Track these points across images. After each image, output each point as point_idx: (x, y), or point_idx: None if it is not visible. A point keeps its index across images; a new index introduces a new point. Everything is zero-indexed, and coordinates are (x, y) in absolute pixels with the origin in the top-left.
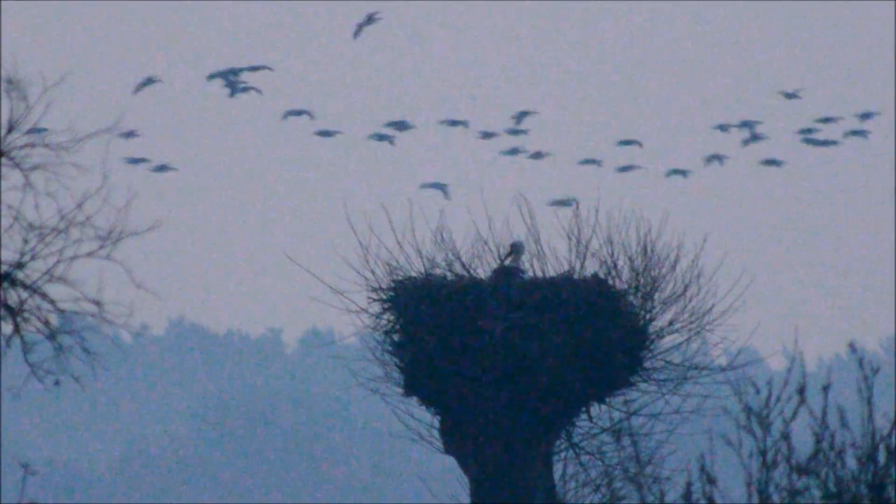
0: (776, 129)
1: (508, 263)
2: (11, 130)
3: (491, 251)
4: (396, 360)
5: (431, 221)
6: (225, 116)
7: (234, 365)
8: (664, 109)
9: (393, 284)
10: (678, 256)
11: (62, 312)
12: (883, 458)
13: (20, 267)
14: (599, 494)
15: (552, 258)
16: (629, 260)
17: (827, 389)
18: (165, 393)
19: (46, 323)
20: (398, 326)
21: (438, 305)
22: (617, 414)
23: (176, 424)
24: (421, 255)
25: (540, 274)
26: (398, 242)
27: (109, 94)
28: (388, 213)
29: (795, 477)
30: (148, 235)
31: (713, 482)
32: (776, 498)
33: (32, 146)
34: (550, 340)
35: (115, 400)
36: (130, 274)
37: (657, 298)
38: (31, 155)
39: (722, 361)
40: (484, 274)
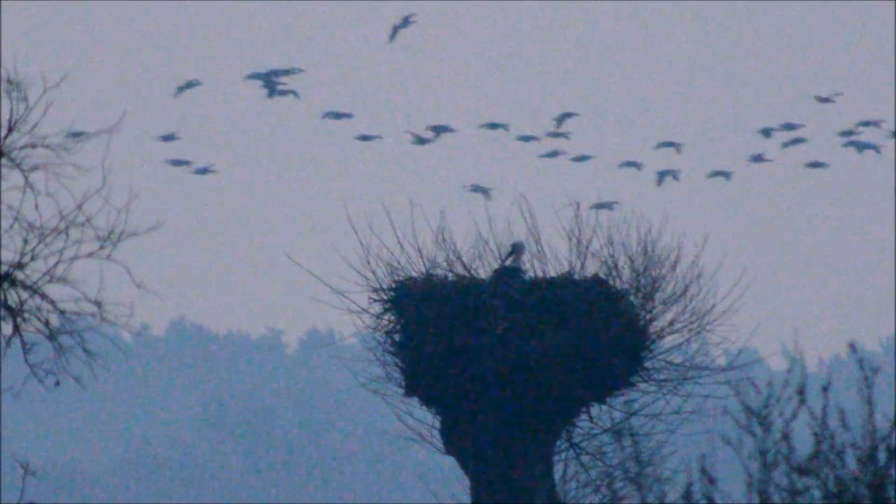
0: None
1: (509, 264)
2: (11, 131)
3: (492, 251)
4: (397, 360)
5: (432, 222)
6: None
7: (234, 365)
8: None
9: (394, 285)
10: (678, 257)
11: (62, 313)
12: (883, 458)
13: (20, 267)
14: (600, 495)
15: (553, 258)
16: (629, 260)
17: (827, 390)
18: (165, 393)
19: (46, 323)
20: (399, 327)
21: (439, 306)
22: (617, 414)
23: (176, 424)
24: (422, 255)
25: (540, 274)
26: (399, 243)
27: (109, 94)
28: (388, 213)
29: (796, 477)
30: (148, 235)
31: (713, 482)
32: (776, 498)
33: (32, 146)
34: (551, 340)
35: (115, 400)
36: (130, 274)
37: (658, 299)
38: (31, 155)
39: (722, 362)
40: (485, 274)
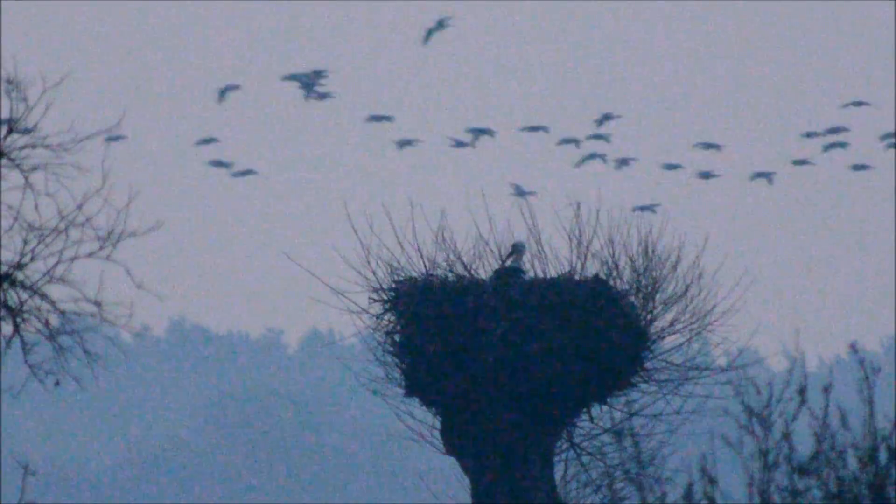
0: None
1: (509, 264)
2: (11, 131)
3: (492, 252)
4: (397, 360)
5: (433, 222)
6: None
7: (234, 365)
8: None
9: (394, 285)
10: (679, 257)
11: (62, 313)
12: (884, 458)
13: (20, 267)
14: (600, 495)
15: (553, 259)
16: (630, 260)
17: (828, 390)
18: (165, 393)
19: (46, 323)
20: (399, 327)
21: (439, 306)
22: (618, 414)
23: (176, 424)
24: (422, 255)
25: (541, 274)
26: (399, 243)
27: (109, 94)
28: (388, 213)
29: (796, 477)
30: (148, 235)
31: (714, 483)
32: (777, 498)
33: (32, 146)
34: (551, 341)
35: (115, 400)
36: (130, 274)
37: (658, 299)
38: (30, 155)
39: (723, 362)
40: (485, 274)
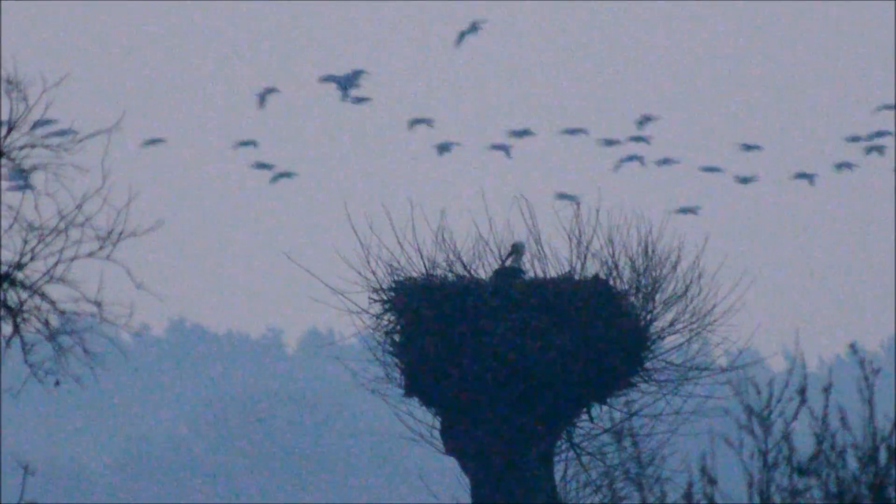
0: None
1: (509, 264)
2: (11, 130)
3: (492, 252)
4: (397, 360)
5: (432, 222)
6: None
7: (234, 365)
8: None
9: (394, 285)
10: (679, 257)
11: (62, 313)
12: (884, 458)
13: (20, 267)
14: (600, 495)
15: (553, 259)
16: (630, 260)
17: (828, 390)
18: (165, 393)
19: (46, 323)
20: (399, 327)
21: (439, 306)
22: (618, 414)
23: (176, 424)
24: (422, 255)
25: (541, 274)
26: (399, 243)
27: (109, 94)
28: (388, 213)
29: (796, 478)
30: (148, 235)
31: (714, 483)
32: (777, 498)
33: (32, 146)
34: (551, 341)
35: (115, 400)
36: (130, 274)
37: (658, 299)
38: (30, 155)
39: (723, 362)
40: (485, 274)
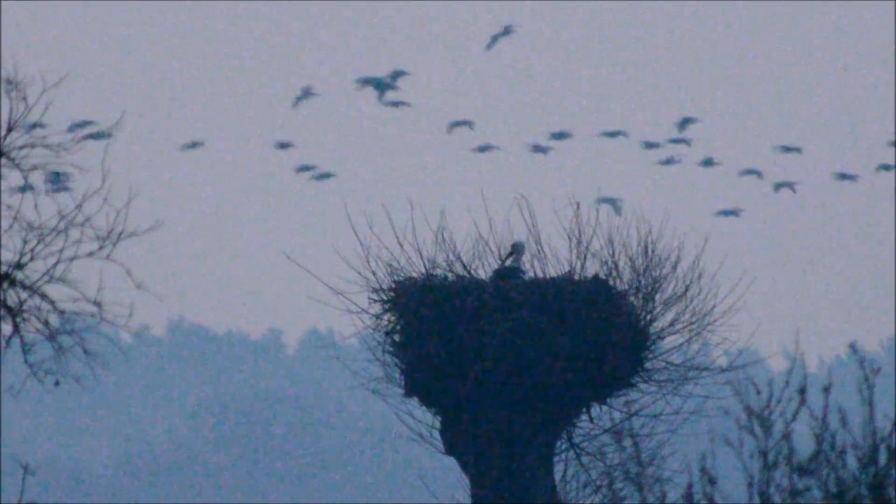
0: None
1: (509, 264)
2: (11, 130)
3: (492, 252)
4: (397, 360)
5: (432, 222)
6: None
7: (234, 365)
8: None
9: (394, 285)
10: (679, 257)
11: (62, 313)
12: (884, 458)
13: (20, 267)
14: (600, 495)
15: (553, 259)
16: (630, 260)
17: (828, 390)
18: (165, 393)
19: (46, 323)
20: (399, 327)
21: (439, 306)
22: (618, 414)
23: (176, 424)
24: (422, 255)
25: (540, 274)
26: (399, 243)
27: (109, 94)
28: (388, 213)
29: (796, 478)
30: (148, 235)
31: (714, 483)
32: (777, 498)
33: (32, 146)
34: (551, 341)
35: (115, 400)
36: (130, 274)
37: (658, 299)
38: (30, 155)
39: (723, 362)
40: (485, 274)
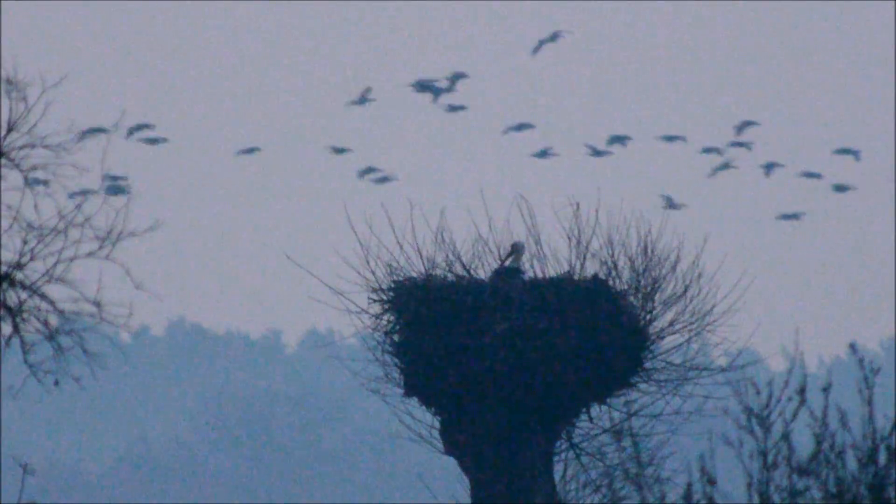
0: None
1: (509, 264)
2: (11, 131)
3: (491, 252)
4: (396, 360)
5: (432, 222)
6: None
7: (234, 365)
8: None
9: (393, 285)
10: (679, 257)
11: (61, 313)
12: (883, 458)
13: (19, 267)
14: (600, 495)
15: (552, 259)
16: (630, 260)
17: (827, 390)
18: (165, 393)
19: (46, 323)
20: (398, 327)
21: (439, 306)
22: (617, 414)
23: (176, 424)
24: (421, 255)
25: (540, 274)
26: (398, 243)
27: (109, 94)
28: (388, 213)
29: (796, 478)
30: (148, 235)
31: (714, 483)
32: (776, 499)
33: (32, 146)
34: (550, 341)
35: (115, 400)
36: (130, 274)
37: (658, 299)
38: (30, 155)
39: (722, 362)
40: (484, 274)
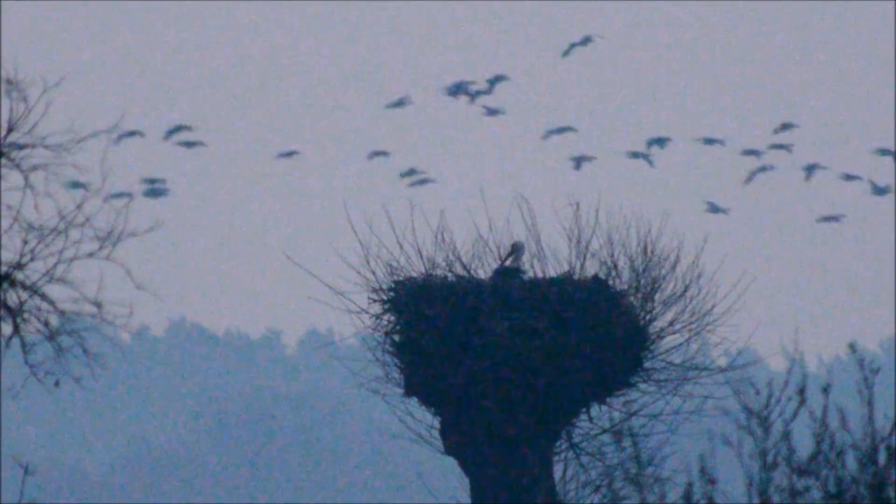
0: None
1: (509, 264)
2: (11, 131)
3: (491, 252)
4: (396, 360)
5: (432, 222)
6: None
7: (234, 365)
8: None
9: (393, 285)
10: (678, 257)
11: (62, 313)
12: (883, 458)
13: (20, 267)
14: (600, 495)
15: (552, 259)
16: (629, 260)
17: (827, 390)
18: (165, 393)
19: (46, 324)
20: (398, 327)
21: (439, 306)
22: (617, 414)
23: (176, 424)
24: (421, 255)
25: (540, 274)
26: (398, 243)
27: (109, 94)
28: (388, 213)
29: (796, 478)
30: (148, 235)
31: (713, 483)
32: (776, 499)
33: (32, 146)
34: (550, 341)
35: (115, 400)
36: (130, 274)
37: (657, 299)
38: (30, 155)
39: (722, 362)
40: (484, 274)
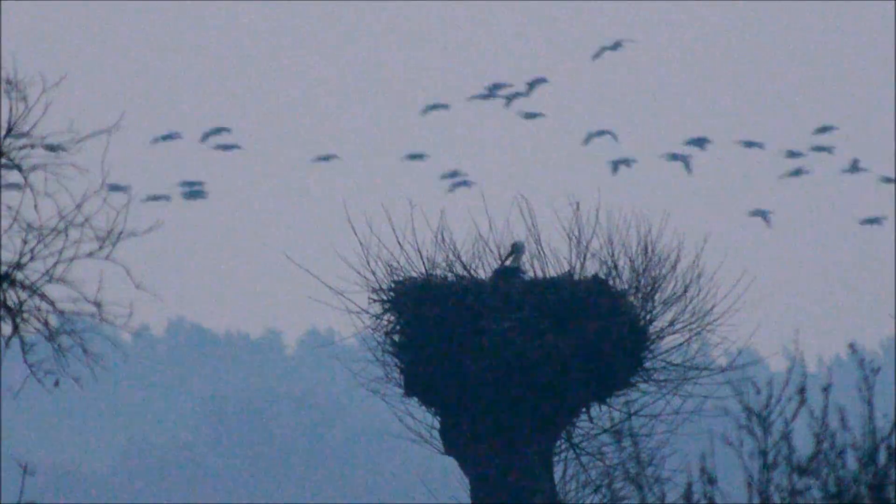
0: None
1: (509, 264)
2: (11, 131)
3: (491, 251)
4: (397, 360)
5: (432, 222)
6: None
7: (234, 365)
8: None
9: (393, 285)
10: (679, 257)
11: (61, 313)
12: (883, 458)
13: (19, 267)
14: (600, 495)
15: (552, 258)
16: (630, 260)
17: (827, 390)
18: (165, 393)
19: (46, 323)
20: (398, 327)
21: (439, 306)
22: (617, 414)
23: (176, 424)
24: (421, 255)
25: (540, 274)
26: (399, 243)
27: (109, 94)
28: (388, 213)
29: (796, 477)
30: (148, 235)
31: (714, 483)
32: (776, 498)
33: (32, 146)
34: (550, 341)
35: (115, 400)
36: (130, 274)
37: (658, 299)
38: (30, 155)
39: (722, 362)
40: (484, 274)
